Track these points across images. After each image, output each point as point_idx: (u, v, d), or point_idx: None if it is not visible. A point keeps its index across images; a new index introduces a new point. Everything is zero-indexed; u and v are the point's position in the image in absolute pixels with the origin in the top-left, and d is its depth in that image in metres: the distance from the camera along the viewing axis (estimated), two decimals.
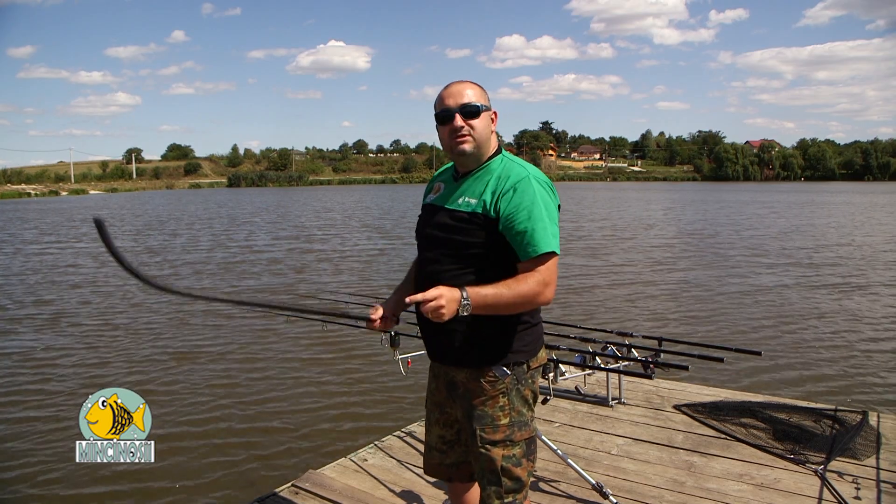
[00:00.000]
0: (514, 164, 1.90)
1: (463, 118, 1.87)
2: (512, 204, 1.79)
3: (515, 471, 1.90)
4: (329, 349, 7.45)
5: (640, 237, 20.21)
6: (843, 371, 6.65)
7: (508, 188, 1.81)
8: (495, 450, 1.89)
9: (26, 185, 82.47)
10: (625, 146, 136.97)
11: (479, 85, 1.94)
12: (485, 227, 1.82)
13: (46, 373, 6.76)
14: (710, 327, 8.45)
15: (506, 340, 1.88)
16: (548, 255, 1.76)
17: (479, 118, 1.88)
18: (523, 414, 1.92)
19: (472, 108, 1.88)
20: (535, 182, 1.82)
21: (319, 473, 3.23)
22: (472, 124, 1.88)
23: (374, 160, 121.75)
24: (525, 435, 1.92)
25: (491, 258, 1.83)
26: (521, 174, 1.84)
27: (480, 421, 1.90)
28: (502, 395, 1.89)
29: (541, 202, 1.79)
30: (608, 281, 12.07)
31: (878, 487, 2.92)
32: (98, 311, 9.85)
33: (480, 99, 1.90)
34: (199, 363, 7.05)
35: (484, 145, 1.91)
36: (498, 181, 1.85)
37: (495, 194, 1.82)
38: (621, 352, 3.43)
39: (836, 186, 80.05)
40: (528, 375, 1.93)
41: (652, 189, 73.40)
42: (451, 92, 1.90)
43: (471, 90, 1.90)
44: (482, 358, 1.88)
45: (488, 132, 1.92)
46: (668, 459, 3.30)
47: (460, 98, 1.88)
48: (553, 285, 1.77)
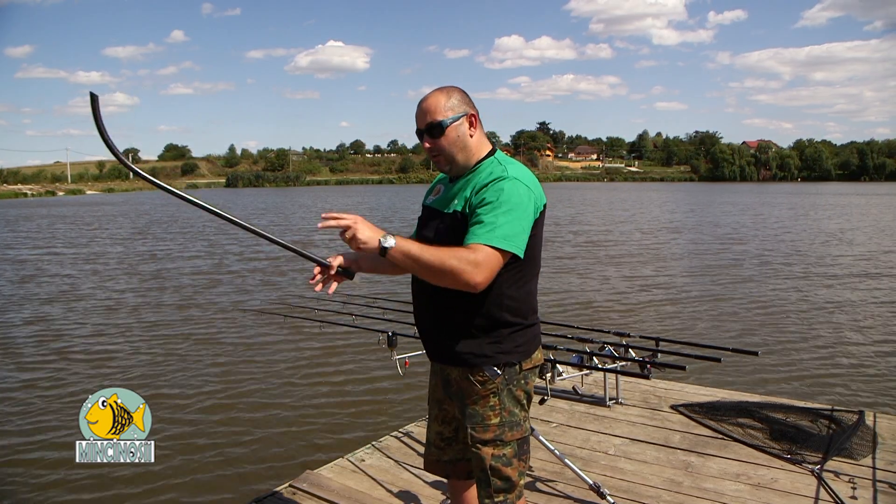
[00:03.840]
0: (498, 166, 1.85)
1: (429, 139, 1.86)
2: (479, 198, 1.77)
3: (505, 470, 1.89)
4: (327, 349, 7.45)
5: (637, 237, 20.24)
6: (839, 371, 6.67)
7: (482, 185, 1.80)
8: (485, 449, 1.89)
9: (23, 185, 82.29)
10: (622, 146, 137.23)
11: (450, 90, 1.88)
12: (464, 226, 1.80)
13: (46, 373, 6.75)
14: (708, 327, 8.47)
15: (497, 341, 1.87)
16: (486, 245, 1.69)
17: (444, 135, 1.84)
18: (515, 414, 1.91)
19: (435, 127, 1.84)
20: (511, 182, 1.77)
21: (317, 474, 3.23)
22: (438, 144, 1.85)
23: (372, 160, 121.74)
24: (517, 435, 1.91)
25: None
26: (500, 174, 1.80)
27: (472, 420, 1.91)
28: (493, 395, 1.88)
29: (506, 200, 1.74)
30: (606, 281, 12.09)
31: (875, 487, 2.93)
32: (98, 310, 9.84)
33: (446, 112, 1.84)
34: (198, 363, 7.04)
35: (461, 154, 1.88)
36: (482, 180, 1.83)
37: (472, 192, 1.82)
38: (619, 352, 3.44)
39: (833, 187, 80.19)
40: (520, 376, 1.91)
41: (649, 189, 73.47)
42: (419, 111, 1.87)
43: (434, 104, 1.84)
44: (473, 357, 1.87)
45: (463, 141, 1.87)
46: (665, 459, 3.31)
47: (423, 118, 1.85)
48: (484, 271, 1.68)
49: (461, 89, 1.92)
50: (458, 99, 1.88)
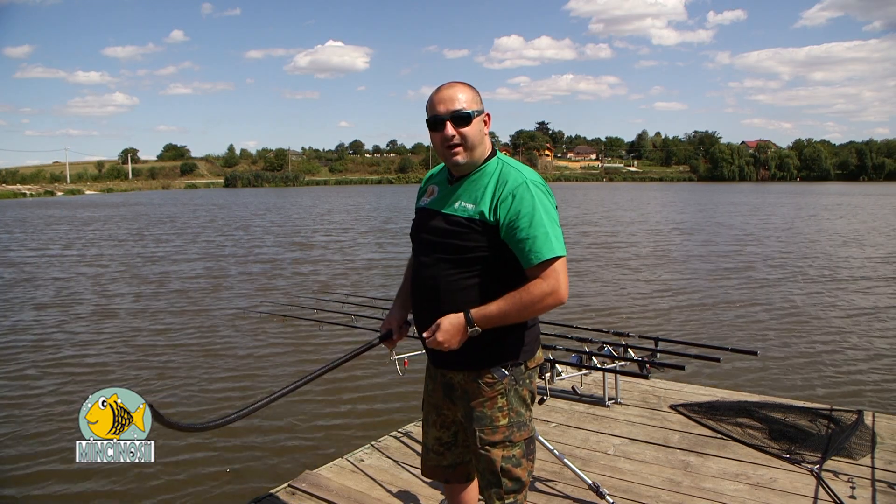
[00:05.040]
0: (510, 169, 1.86)
1: (454, 126, 1.82)
2: (512, 211, 1.77)
3: (515, 471, 1.90)
4: (326, 349, 7.45)
5: (636, 237, 20.24)
6: (838, 371, 6.68)
7: (507, 195, 1.78)
8: (495, 451, 1.89)
9: (21, 185, 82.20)
10: (621, 146, 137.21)
11: (471, 87, 1.88)
12: (485, 233, 1.80)
13: (46, 373, 6.75)
14: (707, 326, 8.47)
15: (504, 342, 1.88)
16: (552, 259, 1.74)
17: (470, 125, 1.83)
18: (522, 414, 1.92)
19: (464, 116, 1.82)
20: (533, 186, 1.80)
21: (316, 474, 3.23)
22: (463, 132, 1.83)
23: (371, 160, 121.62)
24: (524, 435, 1.92)
25: (491, 261, 1.82)
26: (519, 179, 1.81)
27: (480, 422, 1.90)
28: (501, 396, 1.89)
29: (540, 207, 1.77)
30: (605, 281, 12.09)
31: (873, 486, 2.93)
32: (98, 311, 9.83)
33: (472, 104, 1.84)
34: (198, 364, 7.04)
35: (477, 150, 1.87)
36: (496, 187, 1.82)
37: (494, 200, 1.80)
38: (618, 352, 3.44)
39: (831, 187, 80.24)
40: (525, 376, 1.92)
41: (648, 189, 73.50)
42: (441, 97, 1.84)
43: (462, 94, 1.84)
44: (481, 360, 1.88)
45: (481, 137, 1.87)
46: (664, 459, 3.31)
47: (451, 104, 1.82)
48: (562, 288, 1.74)
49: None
50: (479, 95, 1.90)
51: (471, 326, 1.77)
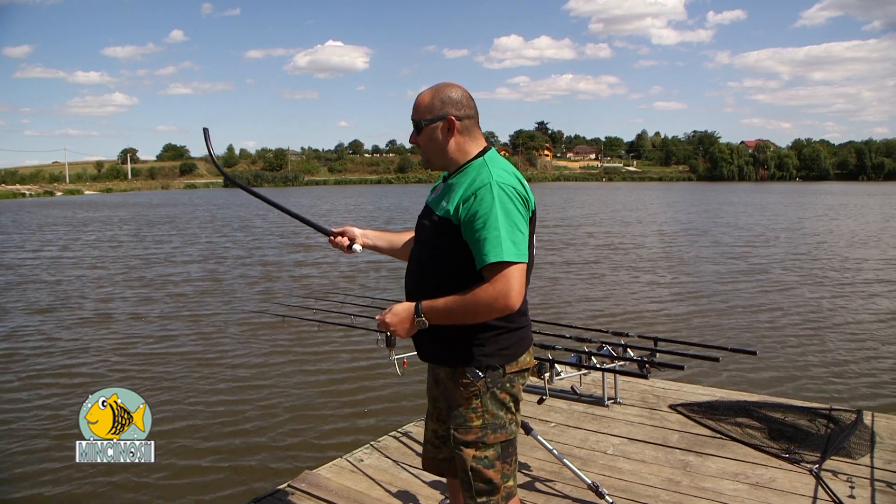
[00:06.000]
0: (485, 169, 1.82)
1: (413, 135, 1.94)
2: (471, 212, 1.76)
3: (487, 472, 1.88)
4: (325, 350, 7.45)
5: (636, 237, 20.25)
6: (837, 371, 6.68)
7: (470, 195, 1.78)
8: (467, 450, 1.88)
9: (21, 185, 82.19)
10: (620, 146, 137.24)
11: (439, 89, 1.88)
12: (450, 233, 1.81)
13: (46, 373, 6.76)
14: (706, 327, 8.48)
15: (480, 343, 1.85)
16: (500, 264, 1.70)
17: (420, 133, 1.91)
18: (499, 417, 1.89)
19: (414, 123, 1.92)
20: (497, 188, 1.75)
21: (315, 474, 3.24)
22: (417, 142, 1.94)
23: (370, 160, 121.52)
24: (500, 438, 1.89)
25: (457, 261, 1.81)
26: (485, 181, 1.77)
27: (455, 421, 1.91)
28: (475, 398, 1.87)
29: (499, 209, 1.72)
30: (604, 281, 12.10)
31: (873, 486, 2.94)
32: (98, 310, 9.83)
33: (425, 112, 1.88)
34: (198, 364, 7.04)
35: (437, 157, 1.92)
36: (467, 187, 1.81)
37: (459, 200, 1.80)
38: (617, 352, 3.44)
39: (832, 187, 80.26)
40: (504, 379, 1.89)
41: (647, 189, 73.50)
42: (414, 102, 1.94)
43: (419, 102, 1.90)
44: (457, 358, 1.88)
45: (438, 144, 1.89)
46: (663, 459, 3.31)
47: (413, 111, 1.91)
48: (512, 294, 1.70)
49: (457, 87, 1.90)
50: (441, 100, 1.87)
51: (418, 316, 1.80)
